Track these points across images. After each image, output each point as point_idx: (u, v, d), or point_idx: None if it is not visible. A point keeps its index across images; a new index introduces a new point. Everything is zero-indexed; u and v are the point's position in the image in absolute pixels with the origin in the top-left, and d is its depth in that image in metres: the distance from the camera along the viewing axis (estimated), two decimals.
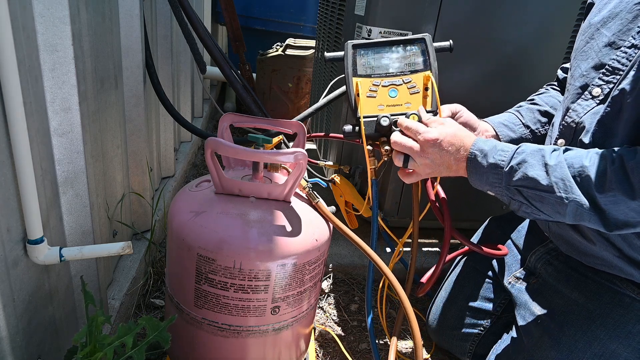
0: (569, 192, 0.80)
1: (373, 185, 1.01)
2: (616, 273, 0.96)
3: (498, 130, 1.11)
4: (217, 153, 0.88)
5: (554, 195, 0.81)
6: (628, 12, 0.88)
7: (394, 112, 0.97)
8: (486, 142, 0.90)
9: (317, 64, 2.15)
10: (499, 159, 0.87)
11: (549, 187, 0.81)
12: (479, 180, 0.90)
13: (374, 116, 0.96)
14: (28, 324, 0.79)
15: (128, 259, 1.32)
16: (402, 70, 0.99)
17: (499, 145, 0.88)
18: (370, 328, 1.05)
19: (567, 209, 0.81)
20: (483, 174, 0.88)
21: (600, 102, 0.89)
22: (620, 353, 0.93)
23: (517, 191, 0.86)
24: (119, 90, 1.19)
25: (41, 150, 0.81)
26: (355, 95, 0.98)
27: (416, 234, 1.06)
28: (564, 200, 0.80)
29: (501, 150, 0.87)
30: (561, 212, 0.82)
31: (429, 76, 0.97)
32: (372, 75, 0.99)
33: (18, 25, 0.69)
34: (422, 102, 0.98)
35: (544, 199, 0.83)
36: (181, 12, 1.37)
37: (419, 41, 0.99)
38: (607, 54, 0.89)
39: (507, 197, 0.88)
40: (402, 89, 0.98)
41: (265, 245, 0.83)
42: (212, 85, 3.56)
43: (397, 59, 0.99)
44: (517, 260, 1.19)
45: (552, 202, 0.82)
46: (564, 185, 0.80)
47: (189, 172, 2.28)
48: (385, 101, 0.98)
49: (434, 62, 0.98)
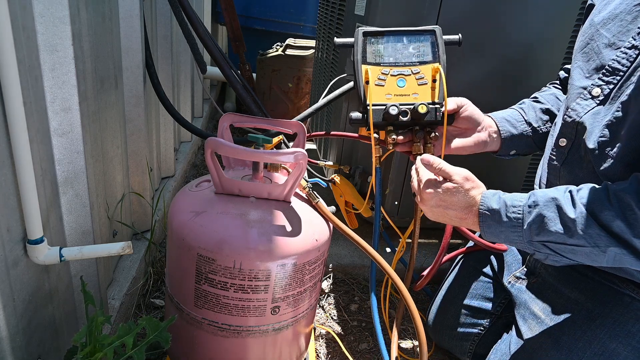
0: (603, 242, 0.76)
1: (377, 173, 1.02)
2: (616, 273, 0.96)
3: (500, 126, 1.11)
4: (217, 153, 0.88)
5: (587, 247, 0.78)
6: (628, 14, 0.88)
7: (402, 102, 0.97)
8: (493, 197, 0.86)
9: (317, 64, 2.15)
10: (513, 217, 0.83)
11: (579, 241, 0.78)
12: (498, 238, 0.87)
13: (382, 104, 0.96)
14: (28, 324, 0.80)
15: (128, 259, 1.32)
16: (412, 61, 0.99)
17: (508, 200, 0.84)
18: (376, 323, 1.05)
19: (604, 257, 0.78)
20: (501, 233, 0.85)
21: (601, 102, 0.89)
22: (620, 352, 0.93)
23: (543, 246, 0.83)
24: (119, 90, 1.19)
25: (41, 150, 0.81)
26: (364, 83, 0.98)
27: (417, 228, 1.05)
28: (600, 250, 0.77)
29: (512, 206, 0.83)
30: (598, 260, 0.80)
31: (438, 68, 0.97)
32: (382, 63, 0.99)
33: (18, 25, 0.69)
34: (430, 94, 0.98)
35: (576, 251, 0.80)
36: (181, 12, 1.37)
37: (429, 33, 0.99)
38: (607, 55, 0.89)
39: (531, 250, 0.85)
40: (410, 80, 0.98)
41: (265, 245, 0.83)
42: (212, 85, 3.56)
43: (406, 49, 0.99)
44: (517, 259, 1.19)
45: (585, 252, 0.79)
46: (595, 237, 0.77)
47: (189, 172, 2.28)
48: (393, 90, 0.98)
49: (442, 54, 0.98)
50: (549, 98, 1.16)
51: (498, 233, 0.85)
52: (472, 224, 0.88)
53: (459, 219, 0.89)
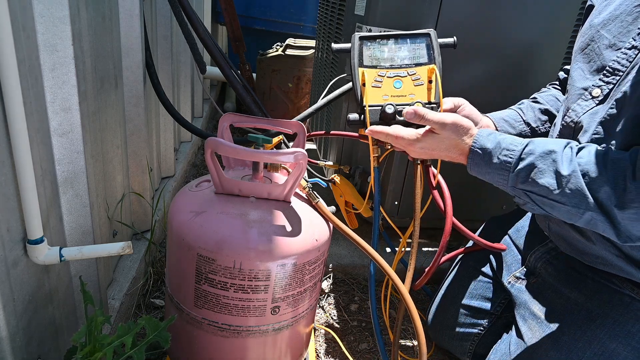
0: (584, 205, 0.77)
1: (375, 172, 1.04)
2: (616, 272, 0.96)
3: (498, 126, 1.11)
4: (217, 153, 0.88)
5: (567, 206, 0.79)
6: (628, 15, 0.88)
7: (399, 102, 0.99)
8: (489, 136, 0.87)
9: (317, 64, 2.15)
10: (504, 159, 0.84)
11: (562, 199, 0.79)
12: (482, 177, 0.88)
13: (378, 105, 0.98)
14: (28, 324, 0.80)
15: (128, 259, 1.32)
16: (407, 63, 1.00)
17: (503, 142, 0.85)
18: (375, 325, 1.05)
19: (580, 219, 0.79)
20: (487, 174, 0.87)
21: (600, 102, 0.89)
22: (620, 352, 0.93)
23: (525, 194, 0.84)
24: (119, 90, 1.19)
25: (41, 150, 0.81)
26: (360, 85, 1.00)
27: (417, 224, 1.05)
28: (578, 211, 0.78)
29: (506, 149, 0.84)
30: (574, 219, 0.80)
31: (434, 69, 0.98)
32: (378, 66, 1.00)
33: (18, 25, 0.69)
34: (426, 94, 0.99)
35: (555, 207, 0.81)
36: (181, 12, 1.37)
37: (424, 35, 1.01)
38: (608, 56, 0.89)
39: (511, 193, 0.87)
40: (406, 81, 0.99)
41: (265, 245, 0.83)
42: (212, 85, 3.56)
43: (402, 51, 1.01)
44: (517, 259, 1.19)
45: (564, 210, 0.80)
46: (580, 198, 0.77)
47: (189, 172, 2.28)
48: (390, 91, 0.99)
49: (438, 56, 1.00)
50: (548, 99, 1.16)
51: (484, 173, 0.87)
52: (462, 159, 0.90)
53: (449, 158, 0.92)
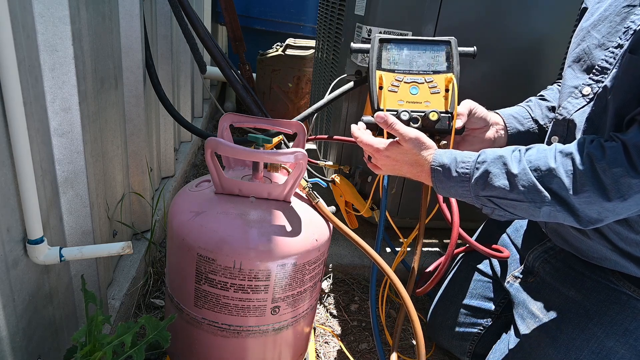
0: (539, 199, 0.81)
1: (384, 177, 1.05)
2: (611, 267, 0.97)
3: (507, 122, 1.11)
4: (217, 153, 0.88)
5: (525, 203, 0.82)
6: (616, 15, 0.90)
7: (414, 109, 0.99)
8: (445, 153, 0.90)
9: (317, 64, 2.15)
10: (462, 172, 0.87)
11: (518, 196, 0.82)
12: (448, 193, 0.91)
13: (394, 110, 0.98)
14: (28, 324, 0.80)
15: (128, 259, 1.32)
16: (426, 70, 1.01)
17: (459, 157, 0.89)
18: (374, 327, 1.05)
19: (540, 213, 0.82)
20: (451, 188, 0.90)
21: (590, 100, 0.91)
22: (617, 350, 0.93)
23: (488, 200, 0.87)
24: (119, 90, 1.19)
25: (41, 150, 0.81)
26: (377, 88, 1.00)
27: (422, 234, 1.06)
28: (536, 205, 0.82)
29: (462, 162, 0.88)
30: (535, 215, 0.84)
31: (452, 78, 0.98)
32: (396, 70, 1.01)
33: (18, 25, 0.70)
34: (443, 103, 1.00)
35: (516, 206, 0.85)
36: (181, 12, 1.37)
37: (444, 43, 1.01)
38: (597, 55, 0.91)
39: (478, 205, 0.90)
40: (423, 88, 0.99)
41: (265, 245, 0.83)
42: (212, 85, 3.56)
43: (421, 57, 1.01)
44: (515, 259, 1.19)
45: (524, 207, 0.84)
46: (534, 193, 0.81)
47: (189, 172, 2.28)
48: (405, 97, 0.99)
49: (457, 65, 1.00)
50: (555, 96, 1.17)
51: (449, 188, 0.90)
52: (425, 179, 0.93)
53: (413, 175, 0.94)
